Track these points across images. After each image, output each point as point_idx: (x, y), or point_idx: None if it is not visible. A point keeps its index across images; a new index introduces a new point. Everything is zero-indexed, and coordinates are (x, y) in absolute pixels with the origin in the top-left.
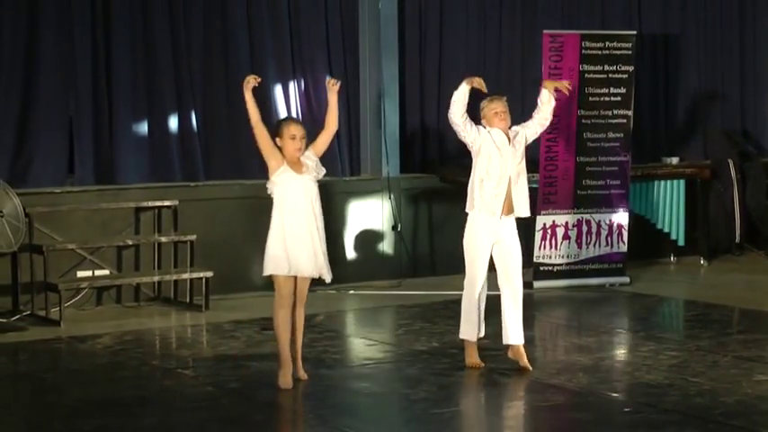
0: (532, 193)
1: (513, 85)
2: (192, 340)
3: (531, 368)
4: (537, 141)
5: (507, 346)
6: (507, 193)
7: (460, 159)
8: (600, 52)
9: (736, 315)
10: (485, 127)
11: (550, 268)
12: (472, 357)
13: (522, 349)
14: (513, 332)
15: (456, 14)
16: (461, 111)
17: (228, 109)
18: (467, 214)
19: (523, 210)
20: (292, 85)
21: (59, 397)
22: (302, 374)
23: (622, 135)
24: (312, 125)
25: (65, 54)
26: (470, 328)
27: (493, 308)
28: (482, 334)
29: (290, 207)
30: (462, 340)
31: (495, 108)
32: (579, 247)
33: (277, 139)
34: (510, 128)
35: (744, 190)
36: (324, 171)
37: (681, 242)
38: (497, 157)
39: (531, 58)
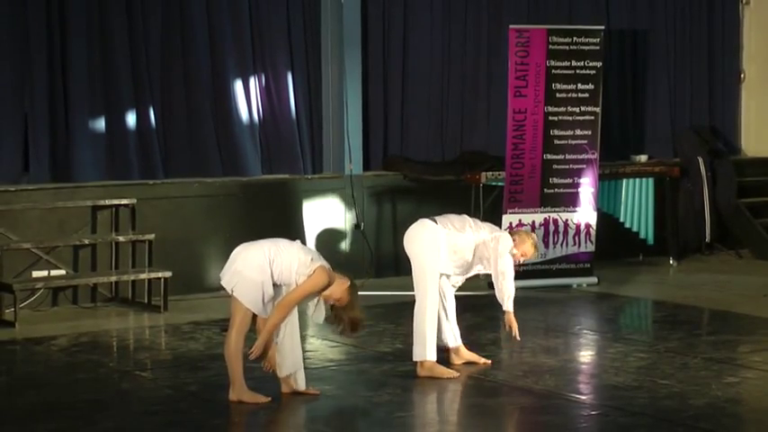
0: (498, 192)
1: (479, 81)
2: (150, 342)
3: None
4: (503, 138)
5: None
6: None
7: (424, 157)
8: (567, 47)
9: (706, 316)
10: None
11: (517, 269)
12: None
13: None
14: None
15: (420, 9)
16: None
17: (187, 106)
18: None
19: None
20: (253, 81)
21: (13, 400)
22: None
23: (590, 132)
24: (272, 121)
25: (19, 50)
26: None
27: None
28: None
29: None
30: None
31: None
32: (546, 246)
33: (344, 281)
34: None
35: (714, 188)
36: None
37: (650, 241)
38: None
39: (496, 54)
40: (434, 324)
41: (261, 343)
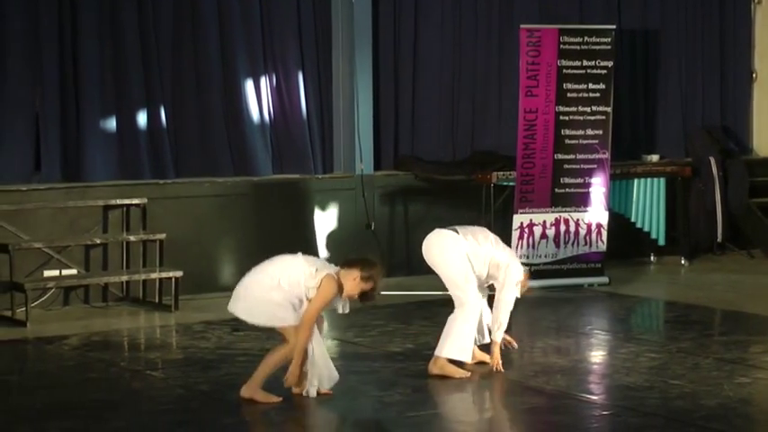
0: (509, 192)
1: (490, 81)
2: (161, 341)
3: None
4: (514, 138)
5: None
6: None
7: (435, 157)
8: (578, 47)
9: (718, 316)
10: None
11: (527, 268)
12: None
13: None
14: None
15: (431, 9)
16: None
17: (198, 106)
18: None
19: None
20: (264, 81)
21: (25, 400)
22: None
23: (601, 132)
24: (283, 121)
25: (30, 49)
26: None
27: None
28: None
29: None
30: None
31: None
32: (557, 246)
33: (351, 274)
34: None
35: (725, 188)
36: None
37: (661, 241)
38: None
39: (507, 54)
40: (473, 327)
41: (295, 369)
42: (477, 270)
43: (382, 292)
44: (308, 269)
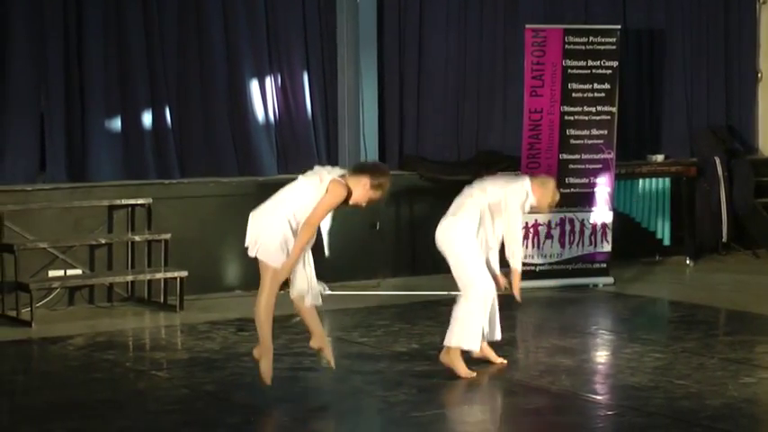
0: None
1: (495, 81)
2: (166, 341)
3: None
4: (519, 138)
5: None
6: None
7: (440, 157)
8: (583, 47)
9: (723, 316)
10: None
11: (533, 268)
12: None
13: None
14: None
15: (436, 9)
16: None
17: (203, 105)
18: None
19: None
20: (269, 81)
21: (30, 400)
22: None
23: (606, 132)
24: (288, 121)
25: (35, 49)
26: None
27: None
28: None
29: None
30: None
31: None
32: (562, 246)
33: (360, 180)
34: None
35: (730, 188)
36: None
37: (666, 241)
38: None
39: (512, 54)
40: (478, 316)
41: (289, 266)
42: (489, 236)
43: (387, 293)
44: (314, 184)
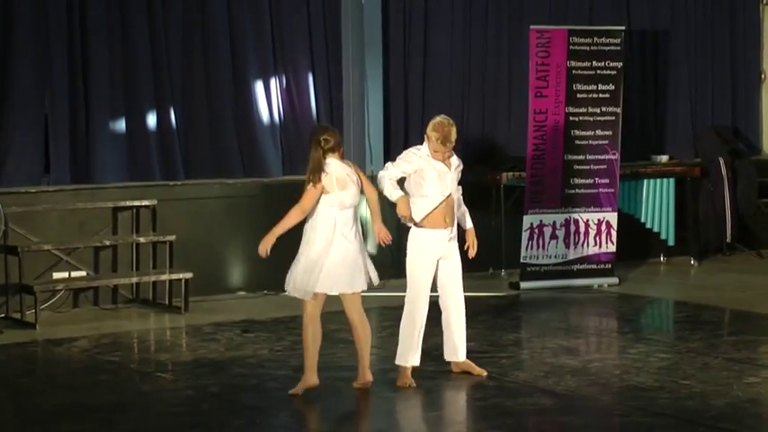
0: (519, 192)
1: (499, 82)
2: (171, 343)
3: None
4: (524, 139)
5: (451, 363)
6: (449, 207)
7: None
8: (588, 48)
9: (727, 316)
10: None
11: (537, 269)
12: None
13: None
14: (462, 349)
15: (441, 10)
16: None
17: (208, 107)
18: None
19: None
20: (273, 82)
21: (35, 402)
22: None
23: (611, 132)
24: (293, 122)
25: (39, 51)
26: (411, 351)
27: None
28: (417, 362)
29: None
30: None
31: (439, 150)
32: (567, 247)
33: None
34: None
35: (734, 189)
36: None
37: (671, 242)
38: (437, 179)
39: (517, 54)
40: (410, 331)
41: (272, 235)
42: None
43: (390, 294)
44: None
